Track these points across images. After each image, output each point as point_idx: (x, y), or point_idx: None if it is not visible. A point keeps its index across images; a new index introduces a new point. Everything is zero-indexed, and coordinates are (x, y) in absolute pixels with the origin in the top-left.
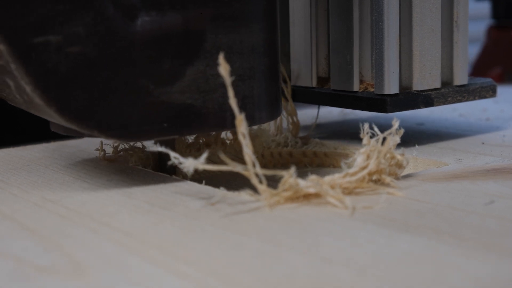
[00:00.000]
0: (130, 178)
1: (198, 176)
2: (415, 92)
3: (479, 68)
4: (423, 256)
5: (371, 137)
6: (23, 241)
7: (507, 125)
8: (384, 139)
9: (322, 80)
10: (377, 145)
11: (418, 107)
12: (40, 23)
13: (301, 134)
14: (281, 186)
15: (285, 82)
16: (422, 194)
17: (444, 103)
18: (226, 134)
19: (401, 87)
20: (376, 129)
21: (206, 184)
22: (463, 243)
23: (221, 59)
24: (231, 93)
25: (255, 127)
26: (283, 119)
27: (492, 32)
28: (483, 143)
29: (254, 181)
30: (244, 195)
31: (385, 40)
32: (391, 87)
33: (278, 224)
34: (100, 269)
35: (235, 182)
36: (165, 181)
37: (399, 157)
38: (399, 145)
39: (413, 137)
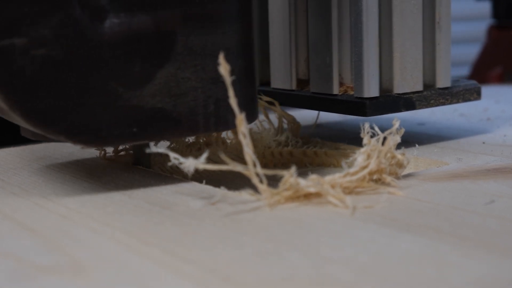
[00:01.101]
0: (131, 177)
1: (199, 176)
2: (396, 95)
3: (479, 68)
4: (423, 255)
5: (371, 137)
6: (24, 240)
7: (508, 125)
8: (385, 138)
9: (302, 83)
10: (378, 144)
11: (399, 111)
12: (5, 26)
13: (301, 134)
14: (281, 185)
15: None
16: (422, 193)
17: (426, 106)
18: (227, 134)
19: (381, 90)
20: (376, 128)
21: (207, 183)
22: (464, 242)
23: (221, 58)
24: (231, 92)
25: (256, 127)
26: (284, 119)
27: (493, 32)
28: (483, 143)
29: (255, 180)
30: (244, 194)
31: (364, 41)
32: (371, 90)
33: (279, 223)
34: (101, 269)
35: (236, 181)
36: (165, 180)
37: (399, 156)
38: (399, 145)
39: (413, 137)
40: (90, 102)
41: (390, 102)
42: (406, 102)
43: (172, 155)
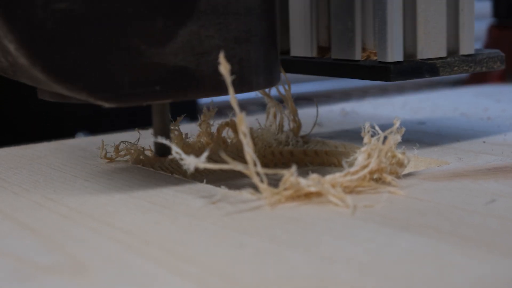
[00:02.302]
0: (131, 177)
1: (199, 175)
2: (420, 60)
3: None
4: (424, 255)
5: (372, 136)
6: (24, 240)
7: (509, 124)
8: (385, 138)
9: (322, 50)
10: (378, 144)
11: (423, 76)
12: None
13: (302, 133)
14: (282, 185)
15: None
16: (423, 193)
17: (450, 73)
18: (227, 133)
19: (405, 55)
20: (377, 127)
21: (207, 183)
22: (464, 242)
23: (221, 58)
24: (231, 91)
25: (258, 127)
26: (284, 118)
27: (493, 31)
28: (484, 142)
29: (255, 180)
30: (245, 194)
31: (388, 4)
32: (395, 54)
33: (279, 223)
34: (101, 268)
35: (236, 181)
36: (166, 180)
37: (400, 156)
38: (400, 144)
39: (414, 136)
40: (112, 59)
41: (414, 67)
42: (430, 68)
43: (175, 149)
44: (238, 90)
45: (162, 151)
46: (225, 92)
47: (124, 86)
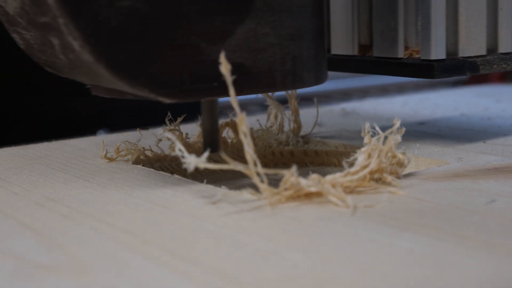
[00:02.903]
0: (131, 177)
1: (199, 175)
2: (461, 58)
3: None
4: (424, 255)
5: (372, 136)
6: (25, 240)
7: (509, 124)
8: (386, 138)
9: (363, 48)
10: (379, 144)
11: (464, 74)
12: None
13: (302, 133)
14: (282, 185)
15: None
16: (423, 193)
17: (489, 71)
18: (227, 133)
19: (447, 53)
20: (377, 128)
21: (207, 183)
22: (464, 242)
23: (222, 57)
24: (232, 91)
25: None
26: (285, 118)
27: None
28: (484, 142)
29: (256, 180)
30: (245, 194)
31: (432, 3)
32: (438, 52)
33: (279, 223)
34: (102, 268)
35: (237, 181)
36: (166, 180)
37: (400, 156)
38: (400, 144)
39: (414, 136)
40: (173, 56)
41: (456, 65)
42: (471, 66)
43: (179, 146)
44: (291, 87)
45: (210, 147)
46: (279, 88)
47: (184, 82)
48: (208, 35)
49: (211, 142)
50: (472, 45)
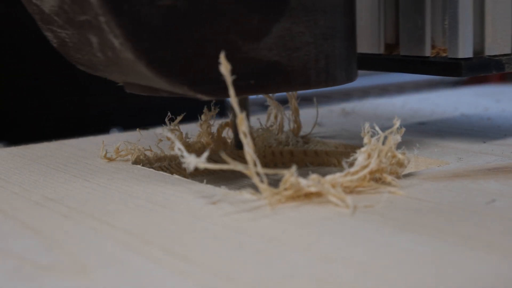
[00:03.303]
0: (131, 177)
1: (199, 175)
2: (488, 57)
3: None
4: (424, 255)
5: (372, 136)
6: (25, 240)
7: (509, 124)
8: (385, 138)
9: (389, 47)
10: (378, 144)
11: (490, 72)
12: None
13: (302, 133)
14: (282, 185)
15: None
16: (423, 193)
17: None
18: (227, 133)
19: (473, 52)
20: (377, 128)
21: (207, 183)
22: (464, 242)
23: (222, 58)
24: (232, 91)
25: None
26: (285, 118)
27: None
28: (484, 142)
29: (255, 180)
30: (245, 194)
31: (460, 3)
32: (466, 51)
33: (279, 223)
34: (102, 268)
35: (237, 181)
36: (166, 180)
37: (400, 156)
38: (400, 144)
39: (414, 136)
40: (212, 54)
41: (482, 63)
42: (497, 64)
43: (178, 145)
44: (324, 85)
45: (240, 144)
46: (313, 86)
47: (222, 80)
48: (246, 33)
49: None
50: (497, 44)
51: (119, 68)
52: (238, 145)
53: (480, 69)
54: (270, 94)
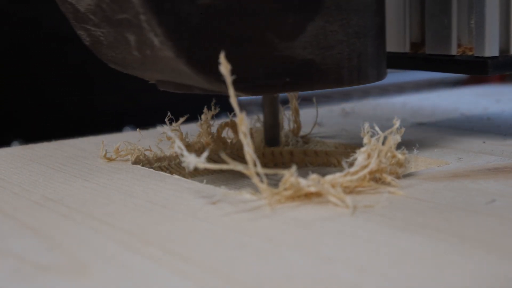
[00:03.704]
0: (131, 177)
1: (199, 175)
2: None
3: None
4: (423, 255)
5: (372, 136)
6: (24, 240)
7: (509, 124)
8: (385, 138)
9: (414, 46)
10: (378, 144)
11: None
12: None
13: (302, 133)
14: (282, 185)
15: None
16: (423, 193)
17: None
18: (227, 133)
19: (499, 50)
20: (377, 128)
21: (207, 183)
22: (464, 242)
23: (221, 58)
24: (232, 91)
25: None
26: (284, 118)
27: None
28: (484, 142)
29: (255, 180)
30: (245, 194)
31: (486, 2)
32: (492, 49)
33: (279, 223)
34: (102, 268)
35: (236, 181)
36: (166, 180)
37: (400, 156)
38: (400, 144)
39: (414, 136)
40: (249, 52)
41: (508, 62)
42: None
43: (178, 143)
44: (356, 83)
45: (272, 141)
46: (346, 84)
47: (259, 77)
48: (282, 32)
49: (272, 137)
50: None
51: (154, 66)
52: (269, 142)
53: (506, 68)
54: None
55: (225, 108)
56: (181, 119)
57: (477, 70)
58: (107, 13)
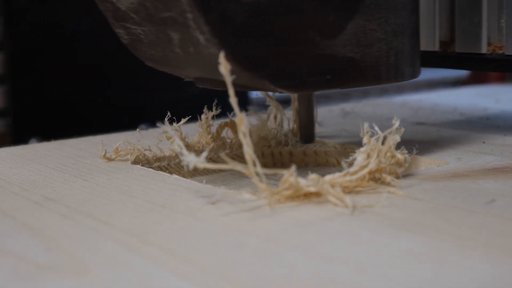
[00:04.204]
0: (130, 177)
1: (199, 175)
2: None
3: None
4: (423, 255)
5: (371, 136)
6: (24, 240)
7: (508, 124)
8: (385, 138)
9: (443, 44)
10: (378, 144)
11: None
12: None
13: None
14: (281, 185)
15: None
16: (422, 193)
17: None
18: (227, 133)
19: None
20: (376, 128)
21: (207, 183)
22: (464, 242)
23: (221, 58)
24: (231, 91)
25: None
26: (284, 119)
27: None
28: (484, 142)
29: (255, 180)
30: (244, 194)
31: None
32: None
33: (279, 222)
34: (101, 268)
35: (236, 181)
36: (165, 180)
37: (399, 156)
38: (399, 144)
39: (413, 136)
40: (291, 50)
41: None
42: None
43: (178, 142)
44: (393, 80)
45: (307, 139)
46: (384, 81)
47: (302, 75)
48: (323, 30)
49: (307, 134)
50: None
51: (196, 64)
52: (304, 139)
53: None
54: (270, 94)
55: (225, 108)
56: (183, 120)
57: (507, 68)
58: (150, 11)
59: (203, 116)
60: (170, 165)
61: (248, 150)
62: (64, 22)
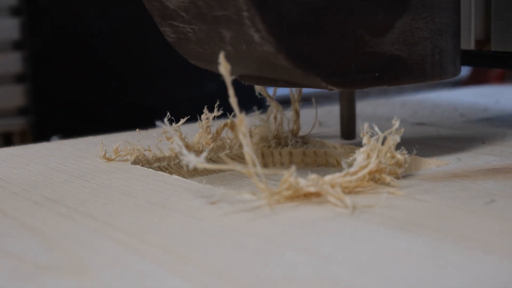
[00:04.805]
0: (130, 177)
1: (198, 175)
2: None
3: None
4: (422, 255)
5: (371, 136)
6: (24, 240)
7: (508, 124)
8: (384, 138)
9: (478, 43)
10: (377, 144)
11: None
12: None
13: (301, 133)
14: (281, 185)
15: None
16: (422, 193)
17: None
18: (226, 133)
19: None
20: (376, 128)
21: (207, 183)
22: (463, 242)
23: (221, 58)
24: (231, 91)
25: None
26: (284, 119)
27: None
28: (483, 143)
29: (255, 180)
30: (244, 194)
31: None
32: None
33: (278, 223)
34: (101, 268)
35: (236, 181)
36: (165, 180)
37: (399, 156)
38: (399, 144)
39: (413, 136)
40: (342, 48)
41: None
42: None
43: (178, 142)
44: (438, 78)
45: (348, 135)
46: (429, 79)
47: (352, 72)
48: (372, 29)
49: (348, 130)
50: None
51: (245, 61)
52: (345, 136)
53: None
54: (270, 94)
55: (225, 109)
56: (182, 120)
57: None
58: (202, 9)
59: (203, 116)
60: (170, 165)
61: (248, 150)
62: (84, 22)
